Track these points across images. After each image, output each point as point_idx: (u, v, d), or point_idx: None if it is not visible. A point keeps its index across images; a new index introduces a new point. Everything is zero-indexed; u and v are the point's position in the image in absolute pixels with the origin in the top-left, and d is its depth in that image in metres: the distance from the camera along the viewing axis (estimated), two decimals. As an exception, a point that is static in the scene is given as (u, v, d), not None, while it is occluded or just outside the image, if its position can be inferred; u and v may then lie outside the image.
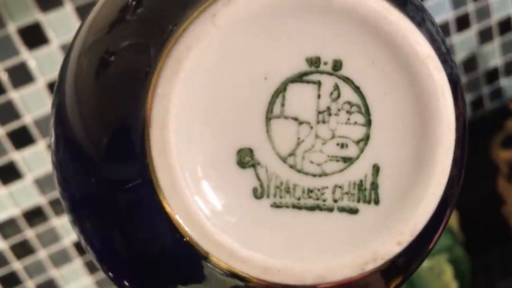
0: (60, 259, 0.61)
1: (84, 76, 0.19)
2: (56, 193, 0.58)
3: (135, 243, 0.19)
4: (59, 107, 0.19)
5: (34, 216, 0.59)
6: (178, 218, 0.17)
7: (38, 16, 0.53)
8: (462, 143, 0.19)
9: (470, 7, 0.69)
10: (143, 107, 0.17)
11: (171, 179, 0.17)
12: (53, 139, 0.20)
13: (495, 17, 0.71)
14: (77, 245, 0.61)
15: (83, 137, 0.18)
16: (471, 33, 0.70)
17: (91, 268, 0.62)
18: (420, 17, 0.19)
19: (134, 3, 0.18)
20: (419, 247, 0.19)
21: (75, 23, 0.54)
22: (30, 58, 0.54)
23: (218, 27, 0.17)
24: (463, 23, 0.69)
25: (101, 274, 0.62)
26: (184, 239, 0.18)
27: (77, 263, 0.62)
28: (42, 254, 0.60)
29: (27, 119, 0.55)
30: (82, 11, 0.54)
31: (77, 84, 0.19)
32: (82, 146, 0.18)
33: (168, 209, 0.17)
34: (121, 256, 0.19)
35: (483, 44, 0.71)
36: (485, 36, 0.71)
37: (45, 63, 0.54)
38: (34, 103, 0.55)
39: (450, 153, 0.18)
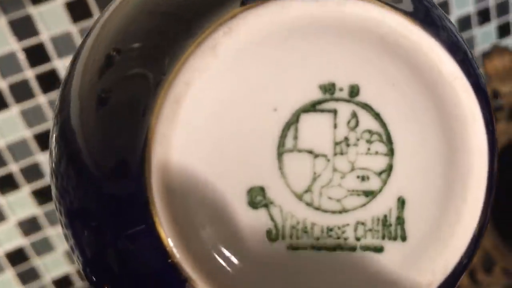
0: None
1: (87, 110, 0.17)
2: (35, 235, 0.56)
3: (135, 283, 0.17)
4: (63, 124, 0.18)
5: (16, 256, 0.57)
6: (186, 268, 0.16)
7: (14, 45, 0.51)
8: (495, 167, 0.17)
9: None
10: (142, 151, 0.15)
11: (177, 230, 0.15)
12: (55, 148, 0.18)
13: (455, 14, 0.70)
14: (55, 282, 0.59)
15: (88, 160, 0.16)
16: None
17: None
18: (443, 24, 0.17)
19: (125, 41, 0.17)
20: (450, 284, 0.17)
21: (51, 52, 0.52)
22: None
23: (220, 59, 0.15)
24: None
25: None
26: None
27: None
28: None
29: (0, 142, 0.53)
30: (57, 42, 0.52)
31: (81, 115, 0.17)
32: (86, 167, 0.16)
33: (175, 259, 0.16)
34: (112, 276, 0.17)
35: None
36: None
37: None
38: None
39: (483, 183, 0.16)
